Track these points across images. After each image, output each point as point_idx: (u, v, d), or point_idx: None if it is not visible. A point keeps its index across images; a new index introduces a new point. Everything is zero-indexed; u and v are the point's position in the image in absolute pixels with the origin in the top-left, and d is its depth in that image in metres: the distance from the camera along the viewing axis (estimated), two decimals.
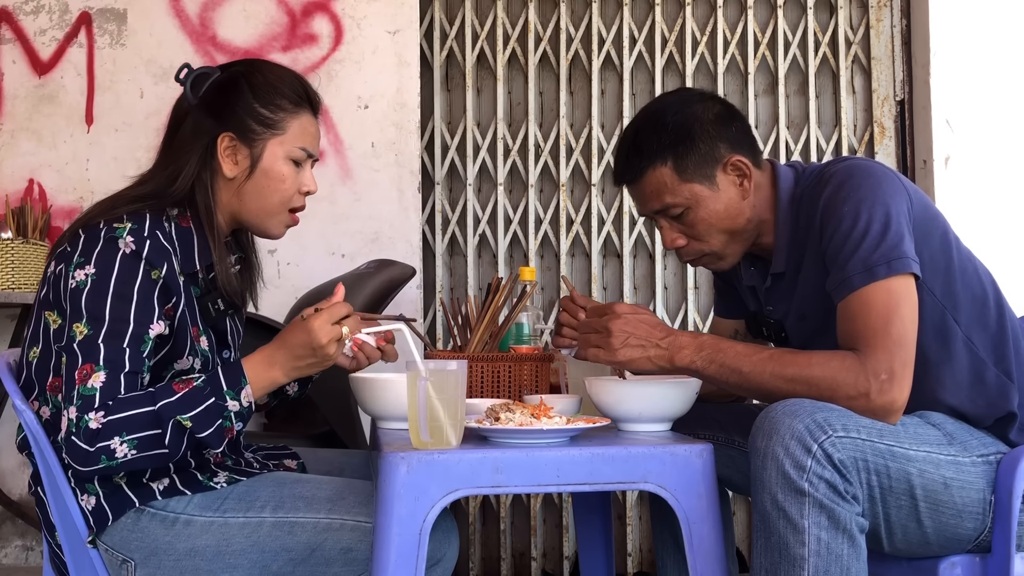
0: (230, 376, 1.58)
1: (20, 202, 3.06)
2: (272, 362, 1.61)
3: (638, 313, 1.70)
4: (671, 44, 3.36)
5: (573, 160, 3.33)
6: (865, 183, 1.66)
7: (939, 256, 1.70)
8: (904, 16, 3.40)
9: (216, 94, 1.69)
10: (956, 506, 1.57)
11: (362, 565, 1.61)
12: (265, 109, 1.69)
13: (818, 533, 1.46)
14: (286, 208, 1.74)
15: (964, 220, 3.20)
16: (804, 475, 1.46)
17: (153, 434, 1.52)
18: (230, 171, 1.69)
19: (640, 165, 1.79)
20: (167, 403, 1.53)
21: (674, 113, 1.79)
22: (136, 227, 1.59)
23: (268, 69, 1.74)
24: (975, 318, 1.72)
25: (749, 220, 1.80)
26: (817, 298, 1.73)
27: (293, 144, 1.71)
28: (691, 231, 1.81)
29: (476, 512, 3.27)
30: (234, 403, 1.57)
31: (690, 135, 1.76)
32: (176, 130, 1.71)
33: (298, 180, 1.73)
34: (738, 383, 1.64)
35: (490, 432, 1.56)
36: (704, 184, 1.77)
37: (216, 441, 1.57)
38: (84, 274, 1.56)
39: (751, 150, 1.81)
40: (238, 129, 1.68)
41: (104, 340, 1.53)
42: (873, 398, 1.55)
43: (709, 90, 1.92)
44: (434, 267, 3.32)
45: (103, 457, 1.51)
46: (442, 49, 3.34)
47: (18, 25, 3.22)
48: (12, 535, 3.22)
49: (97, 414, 1.50)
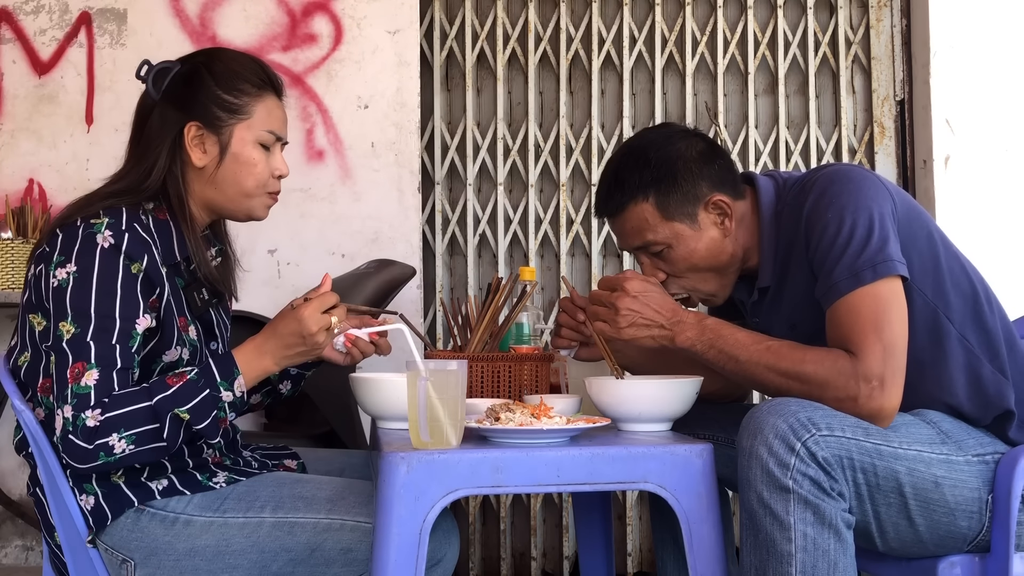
0: (222, 367, 1.59)
1: (20, 202, 3.06)
2: (263, 352, 1.62)
3: (647, 292, 1.71)
4: (671, 44, 3.36)
5: (573, 160, 3.33)
6: (847, 188, 1.67)
7: (927, 256, 1.70)
8: (904, 16, 3.40)
9: (179, 85, 1.70)
10: (948, 504, 1.57)
11: (362, 565, 1.61)
12: (228, 95, 1.69)
13: (804, 529, 1.47)
14: (263, 191, 1.74)
15: (964, 220, 3.21)
16: (788, 473, 1.47)
17: (151, 428, 1.53)
18: (199, 160, 1.69)
19: (621, 200, 1.80)
20: (163, 397, 1.54)
21: (657, 149, 1.79)
22: (113, 221, 1.59)
23: (228, 56, 1.75)
24: (968, 316, 1.72)
25: (732, 256, 1.81)
26: (806, 307, 1.73)
27: (260, 128, 1.71)
28: (671, 268, 1.81)
29: (476, 512, 3.27)
30: (228, 394, 1.58)
31: (672, 173, 1.77)
32: (142, 126, 1.72)
33: (270, 164, 1.73)
34: (733, 370, 1.66)
35: (490, 432, 1.56)
36: (685, 223, 1.78)
37: (212, 432, 1.58)
38: (65, 272, 1.56)
39: (732, 186, 1.81)
40: (204, 117, 1.68)
41: (93, 337, 1.54)
42: (861, 403, 1.56)
43: (692, 127, 1.92)
44: (434, 267, 3.31)
45: (101, 454, 1.51)
46: (442, 49, 3.34)
47: (18, 25, 3.22)
48: (12, 535, 3.22)
49: (94, 412, 1.50)
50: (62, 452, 1.53)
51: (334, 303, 1.64)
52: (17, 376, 1.67)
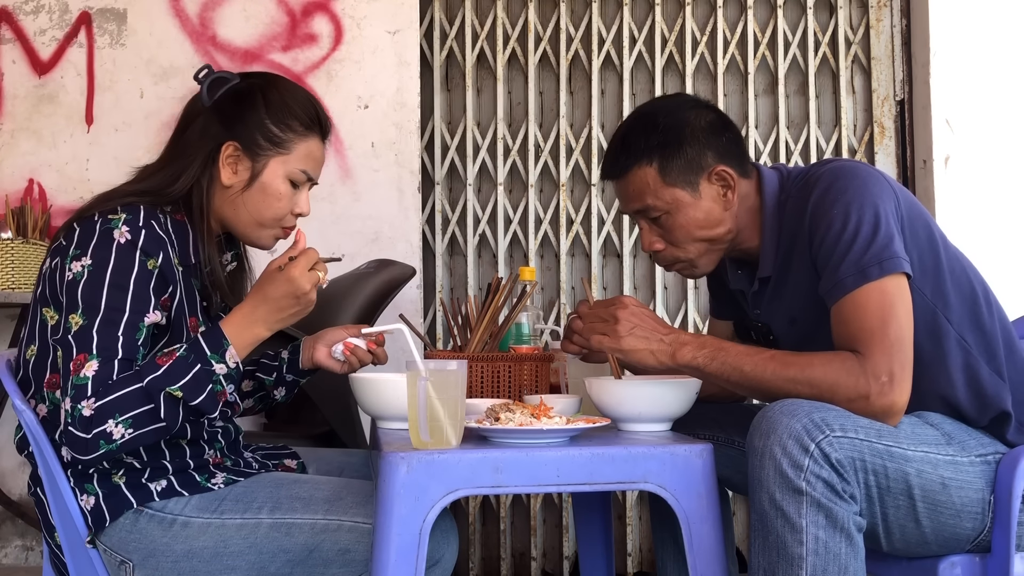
0: (211, 341, 1.59)
1: (20, 202, 3.06)
2: (253, 319, 1.62)
3: (644, 310, 1.72)
4: (671, 44, 3.36)
5: (573, 160, 3.33)
6: (852, 184, 1.66)
7: (928, 255, 1.70)
8: (904, 16, 3.39)
9: (230, 102, 1.70)
10: (955, 506, 1.57)
11: (360, 566, 1.61)
12: (276, 127, 1.70)
13: (816, 532, 1.46)
14: (278, 225, 1.75)
15: (964, 220, 3.21)
16: (802, 474, 1.46)
17: (146, 410, 1.53)
18: (228, 179, 1.69)
19: (626, 162, 1.80)
20: (154, 377, 1.54)
21: (666, 115, 1.79)
22: (131, 217, 1.60)
23: (285, 87, 1.74)
24: (966, 317, 1.71)
25: (729, 231, 1.81)
26: (807, 303, 1.73)
27: (296, 165, 1.72)
28: (668, 236, 1.81)
29: (476, 512, 3.27)
30: (220, 366, 1.58)
31: (679, 139, 1.77)
32: (185, 130, 1.72)
33: (293, 200, 1.74)
34: (739, 381, 1.65)
35: (490, 432, 1.56)
36: (687, 190, 1.77)
37: (211, 406, 1.58)
38: (80, 266, 1.57)
39: (739, 161, 1.81)
40: (245, 141, 1.69)
41: (99, 329, 1.54)
42: (873, 400, 1.55)
43: (705, 99, 1.92)
44: (434, 267, 3.31)
45: (101, 442, 1.51)
46: (442, 49, 3.34)
47: (18, 25, 3.22)
48: (12, 535, 3.22)
49: (88, 401, 1.51)
50: (65, 445, 1.54)
51: (317, 258, 1.64)
52: (22, 372, 1.67)
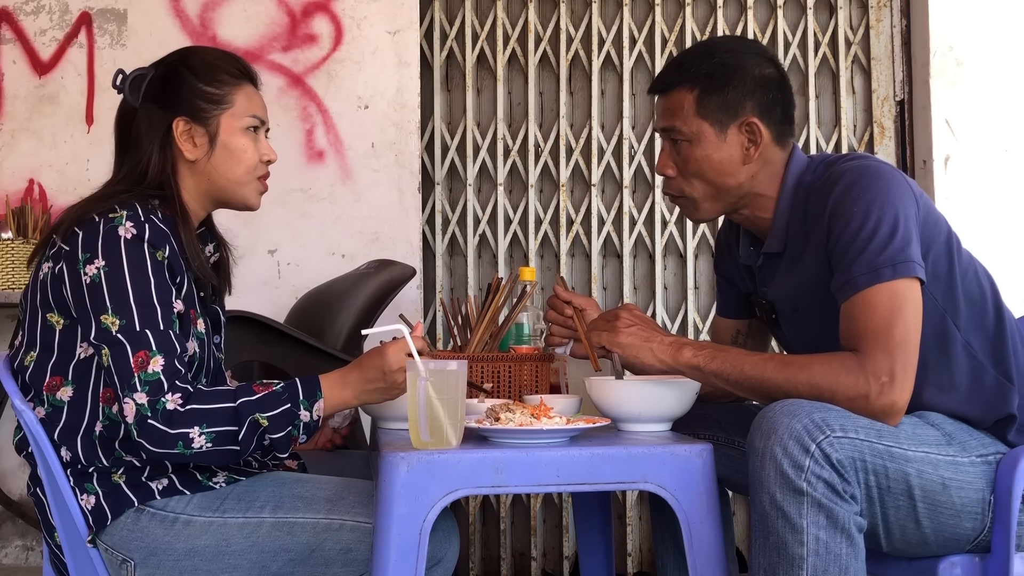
0: (307, 387, 1.61)
1: (20, 202, 3.06)
2: (345, 383, 1.64)
3: (645, 316, 1.78)
4: (671, 44, 3.36)
5: (573, 160, 3.33)
6: (875, 185, 1.66)
7: (942, 261, 1.70)
8: (904, 16, 3.40)
9: (159, 87, 1.73)
10: (955, 506, 1.57)
11: (362, 565, 1.61)
12: (210, 87, 1.73)
13: (816, 533, 1.46)
14: (253, 177, 1.78)
15: (964, 220, 3.20)
16: (802, 475, 1.46)
17: (230, 430, 1.56)
18: (191, 153, 1.72)
19: (672, 79, 1.82)
20: (247, 401, 1.57)
21: (725, 52, 1.81)
22: (132, 213, 1.61)
23: (202, 51, 1.81)
24: (974, 321, 1.72)
25: (740, 185, 1.80)
26: (813, 295, 1.73)
27: (244, 114, 1.75)
28: (682, 165, 1.82)
29: (476, 512, 3.27)
30: (306, 413, 1.60)
31: (726, 78, 1.77)
32: (127, 133, 1.74)
33: (258, 150, 1.77)
34: (739, 381, 1.65)
35: (490, 432, 1.56)
36: (714, 128, 1.78)
37: (284, 446, 1.61)
38: (95, 268, 1.58)
39: (778, 124, 1.81)
40: (189, 111, 1.72)
41: (144, 326, 1.56)
42: (873, 400, 1.55)
43: (774, 55, 1.93)
44: (434, 267, 3.32)
45: (180, 443, 1.54)
46: (442, 49, 3.34)
47: (18, 25, 3.22)
48: (12, 535, 3.22)
49: (173, 396, 1.54)
50: (138, 437, 1.54)
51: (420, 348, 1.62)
52: (19, 376, 1.67)
